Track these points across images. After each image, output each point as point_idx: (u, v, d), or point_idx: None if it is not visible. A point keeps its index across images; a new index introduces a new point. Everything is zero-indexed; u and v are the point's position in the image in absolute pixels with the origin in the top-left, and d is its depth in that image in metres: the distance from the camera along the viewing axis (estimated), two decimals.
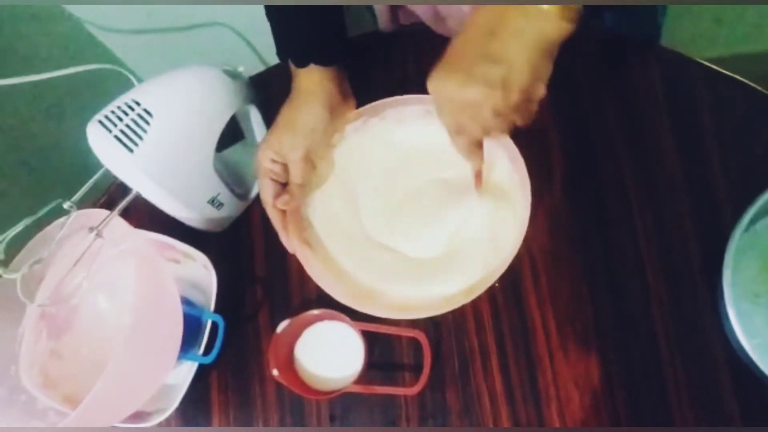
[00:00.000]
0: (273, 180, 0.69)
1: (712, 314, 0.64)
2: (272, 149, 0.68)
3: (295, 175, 0.69)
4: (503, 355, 0.68)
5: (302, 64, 0.68)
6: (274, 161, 0.69)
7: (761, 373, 0.57)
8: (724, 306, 0.58)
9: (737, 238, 0.59)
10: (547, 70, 0.52)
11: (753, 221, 0.61)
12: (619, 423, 0.64)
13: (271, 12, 0.69)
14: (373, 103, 0.72)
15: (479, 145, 0.61)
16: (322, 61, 0.68)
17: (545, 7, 0.48)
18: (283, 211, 0.70)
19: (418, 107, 0.72)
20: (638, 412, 0.65)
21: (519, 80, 0.50)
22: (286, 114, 0.69)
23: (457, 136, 0.59)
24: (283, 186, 0.70)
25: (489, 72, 0.50)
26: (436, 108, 0.57)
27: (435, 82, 0.53)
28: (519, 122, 0.54)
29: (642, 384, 0.65)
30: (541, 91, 0.53)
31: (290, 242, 0.70)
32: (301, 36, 0.68)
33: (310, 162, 0.70)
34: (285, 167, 0.69)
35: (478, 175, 0.67)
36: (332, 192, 0.74)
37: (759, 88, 0.70)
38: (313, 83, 0.69)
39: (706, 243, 0.67)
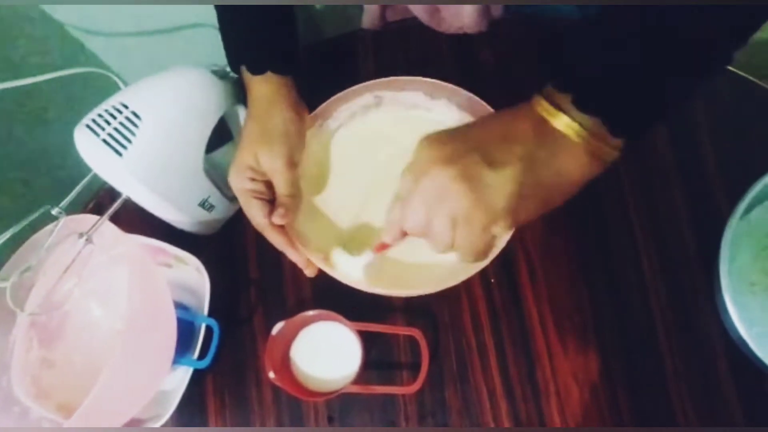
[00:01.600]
0: (259, 199, 0.65)
1: (709, 304, 0.64)
2: (248, 168, 0.64)
3: (283, 186, 0.65)
4: (501, 352, 0.68)
5: (260, 70, 0.65)
6: (253, 180, 0.65)
7: (760, 362, 0.57)
8: (721, 296, 0.58)
9: (733, 227, 0.59)
10: (546, 204, 0.48)
11: (747, 210, 0.61)
12: (620, 415, 0.64)
13: (225, 20, 0.66)
14: (322, 105, 0.71)
15: (404, 233, 0.54)
16: (279, 68, 0.65)
17: (575, 140, 0.45)
18: (282, 229, 0.66)
19: (367, 96, 0.71)
20: (638, 404, 0.64)
21: (505, 201, 0.46)
22: (253, 127, 0.65)
23: (396, 201, 0.53)
24: (271, 203, 0.66)
25: (482, 177, 0.46)
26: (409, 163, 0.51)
27: (425, 143, 0.49)
28: (463, 253, 0.49)
29: (641, 376, 0.65)
30: (502, 232, 0.48)
31: (302, 259, 0.66)
32: (258, 42, 0.65)
33: (293, 167, 0.65)
34: (268, 183, 0.65)
35: (380, 247, 0.60)
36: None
37: (749, 77, 0.70)
38: (272, 90, 0.65)
39: (702, 233, 0.67)
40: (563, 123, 0.46)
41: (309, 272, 0.68)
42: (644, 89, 0.44)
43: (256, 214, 0.65)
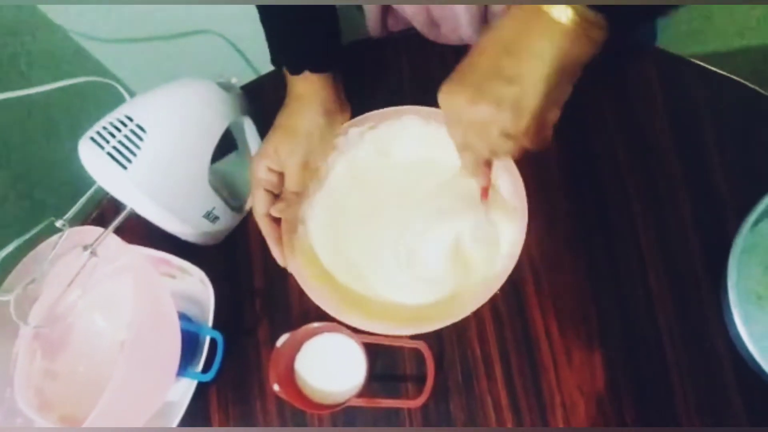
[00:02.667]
0: (267, 191, 0.68)
1: (716, 317, 0.64)
2: (268, 157, 0.67)
3: (292, 183, 0.68)
4: (507, 364, 0.68)
5: (297, 71, 0.67)
6: (270, 170, 0.68)
7: (766, 375, 0.56)
8: (728, 309, 0.58)
9: (741, 240, 0.59)
10: (564, 94, 0.50)
11: (755, 223, 0.61)
12: (625, 427, 0.64)
13: (266, 18, 0.68)
14: (368, 114, 0.71)
15: (486, 162, 0.59)
16: (316, 68, 0.67)
17: (569, 26, 0.45)
18: (277, 223, 0.69)
19: (415, 117, 0.71)
20: (644, 417, 0.64)
21: (532, 104, 0.47)
22: (281, 121, 0.68)
23: (464, 151, 0.57)
24: (277, 197, 0.69)
25: (500, 91, 0.47)
26: (446, 121, 0.55)
27: (444, 95, 0.51)
28: (529, 147, 0.51)
29: (647, 388, 0.65)
30: (554, 116, 0.50)
31: (282, 256, 0.69)
32: (296, 43, 0.67)
33: (308, 169, 0.69)
34: (281, 176, 0.68)
35: (485, 191, 0.65)
36: (325, 204, 0.73)
37: (757, 88, 0.70)
38: (308, 90, 0.68)
39: (709, 245, 0.67)
40: (559, 11, 0.46)
41: (289, 268, 0.70)
42: None
43: (259, 203, 0.68)
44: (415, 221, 0.70)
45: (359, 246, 0.72)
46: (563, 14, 0.45)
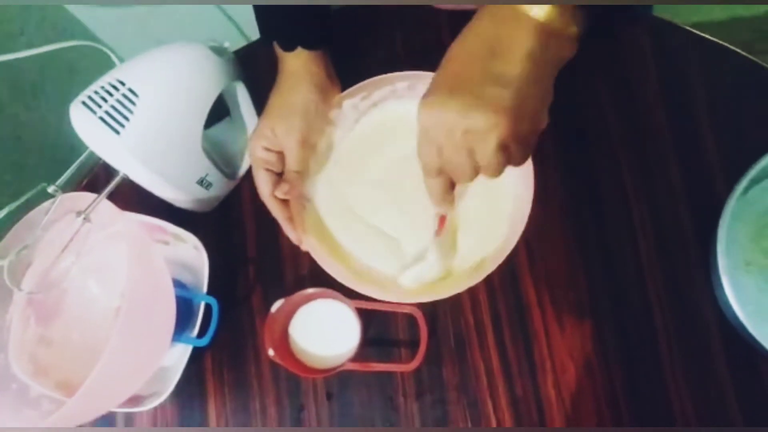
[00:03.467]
0: (268, 170, 0.68)
1: (704, 282, 0.65)
2: (265, 138, 0.67)
3: (292, 162, 0.67)
4: (499, 331, 0.69)
5: (290, 47, 0.66)
6: (268, 150, 0.67)
7: (752, 339, 0.58)
8: (717, 275, 0.59)
9: (731, 207, 0.59)
10: (550, 95, 0.47)
11: (745, 190, 0.61)
12: (614, 392, 0.65)
13: None
14: (360, 84, 0.70)
15: (453, 187, 0.55)
16: (309, 45, 0.66)
17: (550, 24, 0.44)
18: (285, 202, 0.68)
19: (408, 83, 0.70)
20: (633, 381, 0.65)
21: (530, 107, 0.45)
22: (275, 100, 0.68)
23: (437, 177, 0.52)
24: (279, 176, 0.69)
25: (498, 95, 0.44)
26: (420, 141, 0.49)
27: (429, 109, 0.46)
28: (518, 159, 0.48)
29: (636, 353, 0.66)
30: (545, 120, 0.47)
31: (295, 234, 0.69)
32: (288, 19, 0.66)
33: (307, 146, 0.68)
34: (280, 156, 0.68)
35: (442, 221, 0.64)
36: (333, 177, 0.73)
37: (749, 56, 0.70)
38: (300, 66, 0.67)
39: (699, 212, 0.67)
40: (537, 9, 0.45)
41: (304, 247, 0.69)
42: None
43: (262, 183, 0.68)
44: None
45: (373, 215, 0.72)
46: (541, 12, 0.44)
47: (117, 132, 0.59)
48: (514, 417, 0.67)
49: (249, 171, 0.76)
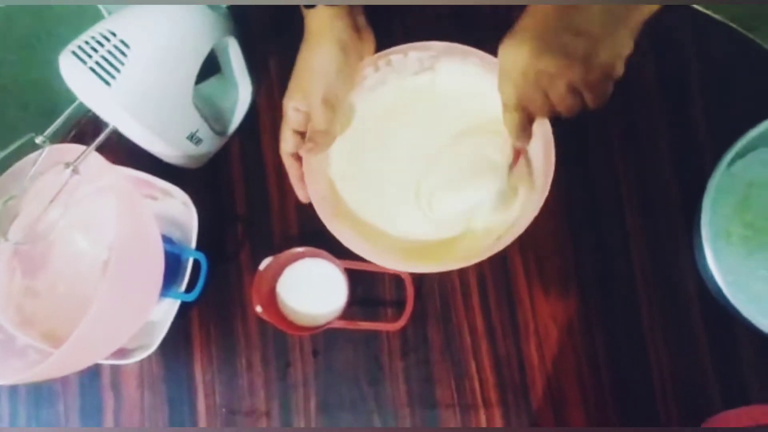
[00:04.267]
0: (295, 131, 0.68)
1: (687, 251, 0.66)
2: (294, 97, 0.66)
3: (317, 121, 0.67)
4: (484, 294, 0.70)
5: (309, 4, 0.65)
6: (297, 110, 0.67)
7: (732, 307, 0.59)
8: (700, 244, 0.60)
9: (716, 179, 0.60)
10: (629, 47, 0.51)
11: (730, 163, 0.62)
12: (595, 355, 0.67)
13: None
14: (401, 46, 0.67)
15: (531, 123, 0.59)
16: None
17: None
18: (299, 160, 0.68)
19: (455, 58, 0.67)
20: (614, 347, 0.67)
21: (601, 55, 0.49)
22: (300, 59, 0.67)
23: (514, 111, 0.57)
24: (302, 135, 0.68)
25: (571, 43, 0.49)
26: (500, 77, 0.55)
27: (507, 48, 0.51)
28: (591, 102, 0.52)
29: (618, 318, 0.67)
30: (620, 69, 0.51)
31: (304, 192, 0.69)
32: None
33: (330, 106, 0.66)
34: (308, 116, 0.67)
35: (518, 155, 0.65)
36: (355, 141, 0.72)
37: (741, 30, 0.70)
38: (322, 23, 0.65)
39: (686, 184, 0.68)
40: None
41: (304, 200, 0.70)
42: None
43: (285, 141, 0.68)
44: (437, 174, 0.70)
45: (381, 176, 0.72)
46: None
47: (107, 83, 0.59)
48: (496, 377, 0.68)
49: (239, 128, 0.76)
